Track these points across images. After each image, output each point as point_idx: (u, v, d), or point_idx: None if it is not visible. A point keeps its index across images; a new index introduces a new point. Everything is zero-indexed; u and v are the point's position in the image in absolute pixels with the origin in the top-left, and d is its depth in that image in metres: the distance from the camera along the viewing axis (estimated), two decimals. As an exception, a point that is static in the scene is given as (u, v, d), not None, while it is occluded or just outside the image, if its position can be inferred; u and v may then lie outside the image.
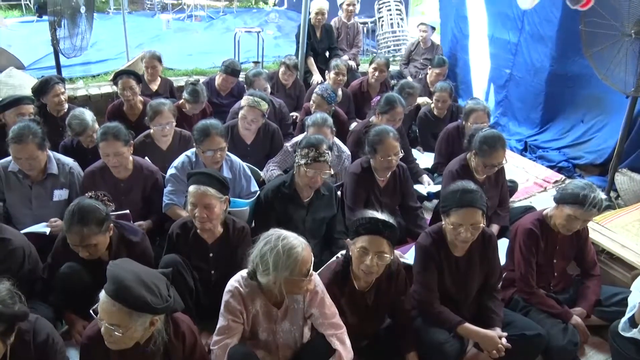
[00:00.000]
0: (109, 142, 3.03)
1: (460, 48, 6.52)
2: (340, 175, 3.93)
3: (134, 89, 4.20)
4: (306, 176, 2.88)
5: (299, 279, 1.99)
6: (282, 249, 1.95)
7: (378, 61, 5.27)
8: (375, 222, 2.24)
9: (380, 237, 2.24)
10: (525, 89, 5.58)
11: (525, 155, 5.30)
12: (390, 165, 3.23)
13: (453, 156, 3.82)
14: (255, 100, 3.81)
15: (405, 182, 3.47)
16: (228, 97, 5.12)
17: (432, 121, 4.87)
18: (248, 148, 4.01)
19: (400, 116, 3.97)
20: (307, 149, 2.88)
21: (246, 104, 3.83)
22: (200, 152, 3.18)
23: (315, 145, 2.88)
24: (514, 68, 5.67)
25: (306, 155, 2.86)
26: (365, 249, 2.24)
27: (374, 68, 5.27)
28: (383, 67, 5.29)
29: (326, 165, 2.90)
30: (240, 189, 3.35)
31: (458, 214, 2.42)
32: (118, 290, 1.75)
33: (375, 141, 3.20)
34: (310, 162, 2.85)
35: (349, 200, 3.29)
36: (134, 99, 4.24)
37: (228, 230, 2.69)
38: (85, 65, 6.27)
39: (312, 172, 2.87)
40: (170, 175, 3.24)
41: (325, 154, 2.88)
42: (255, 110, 3.83)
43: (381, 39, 8.15)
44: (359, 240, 2.27)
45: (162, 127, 3.60)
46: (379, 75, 5.28)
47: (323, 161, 2.87)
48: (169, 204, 3.17)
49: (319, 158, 2.86)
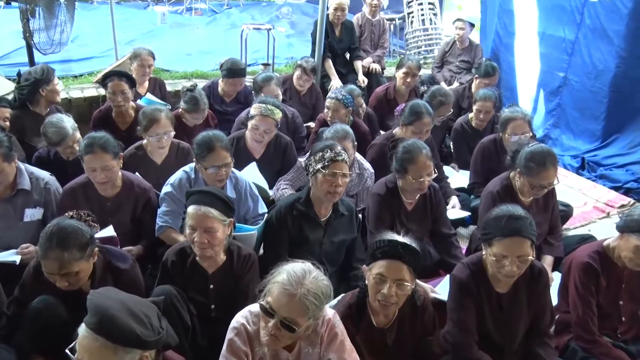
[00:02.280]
0: (95, 155, 3.06)
1: (504, 48, 6.57)
2: (362, 196, 3.98)
3: (127, 93, 4.27)
4: (325, 181, 2.92)
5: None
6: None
7: (409, 64, 5.32)
8: (394, 245, 2.26)
9: (399, 262, 2.26)
10: (583, 96, 5.57)
11: (582, 174, 5.31)
12: (422, 187, 3.28)
13: (491, 175, 3.84)
14: (269, 109, 3.88)
15: (437, 205, 3.50)
16: (233, 103, 5.22)
17: (469, 134, 4.90)
18: (256, 164, 4.07)
19: (427, 127, 4.02)
20: (321, 151, 2.95)
21: (258, 112, 3.90)
22: (202, 169, 3.23)
23: (329, 145, 2.98)
24: (570, 70, 5.69)
25: (322, 158, 2.92)
26: (383, 275, 2.27)
27: (404, 72, 5.33)
28: (415, 71, 5.34)
29: (345, 165, 2.97)
30: (246, 210, 3.40)
31: (502, 244, 2.43)
32: (101, 321, 1.73)
33: (406, 159, 3.24)
34: (328, 163, 2.91)
35: (371, 225, 3.34)
36: (126, 105, 4.31)
37: (232, 258, 2.71)
38: (66, 63, 6.38)
39: (332, 174, 2.92)
40: (165, 194, 3.29)
41: (342, 153, 2.97)
42: (268, 120, 3.90)
43: (411, 38, 8.23)
44: (375, 265, 2.30)
45: (159, 138, 3.65)
46: (410, 80, 5.33)
47: (342, 160, 2.95)
48: (163, 227, 3.21)
49: (336, 157, 2.93)
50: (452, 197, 4.20)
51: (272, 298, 2.01)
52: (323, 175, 2.92)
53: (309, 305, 1.98)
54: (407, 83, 5.34)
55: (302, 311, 1.98)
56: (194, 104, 4.33)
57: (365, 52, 6.71)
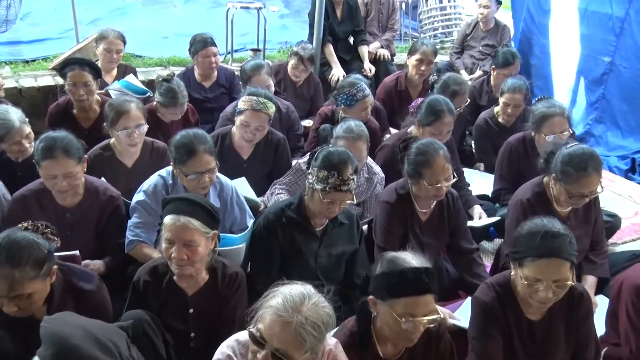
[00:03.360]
0: (56, 161, 3.05)
1: (538, 29, 6.58)
2: (369, 204, 4.03)
3: (90, 85, 4.27)
4: (321, 204, 3.00)
5: None
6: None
7: (424, 49, 5.35)
8: (417, 276, 2.23)
9: (427, 296, 2.27)
10: (633, 85, 5.57)
11: (632, 178, 5.34)
12: (439, 194, 3.32)
13: (520, 180, 3.85)
14: (261, 102, 3.92)
15: (455, 214, 3.53)
16: (214, 88, 5.27)
17: (495, 131, 4.93)
18: (244, 165, 4.10)
19: (448, 128, 4.07)
20: (327, 171, 2.97)
21: (249, 106, 3.93)
22: (181, 175, 3.26)
23: (337, 169, 2.97)
24: (617, 54, 5.69)
25: (324, 180, 2.96)
26: (411, 315, 2.25)
27: (417, 59, 5.37)
28: (430, 58, 5.38)
29: (349, 195, 3.01)
30: (233, 221, 3.43)
31: (536, 266, 2.45)
32: (60, 352, 1.71)
33: (420, 162, 3.26)
34: (329, 190, 2.96)
35: (379, 238, 3.37)
36: (89, 99, 4.33)
37: (216, 277, 2.72)
38: (14, 45, 6.35)
39: (330, 202, 2.99)
40: (137, 203, 3.30)
41: (349, 182, 2.99)
42: (261, 116, 3.94)
43: (425, 19, 8.28)
44: (397, 305, 2.27)
45: (130, 133, 3.64)
46: (425, 68, 5.37)
47: (346, 191, 2.98)
48: (134, 241, 3.22)
49: (340, 187, 2.96)
50: (474, 206, 4.23)
51: (263, 325, 2.01)
52: (319, 197, 2.99)
53: (306, 337, 1.96)
54: (420, 72, 5.37)
55: (298, 343, 1.97)
56: (171, 96, 4.33)
57: (371, 35, 6.73)
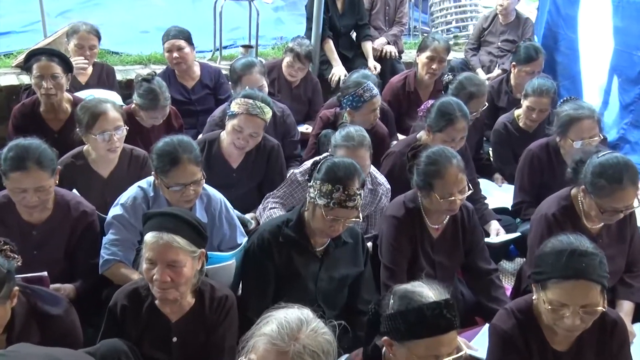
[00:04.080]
0: (28, 173, 3.04)
1: (564, 21, 6.57)
2: (374, 218, 4.04)
3: (59, 78, 4.20)
4: (323, 221, 3.00)
5: None
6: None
7: (435, 46, 5.36)
8: (438, 313, 2.21)
9: (451, 333, 2.27)
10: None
11: (674, 191, 5.33)
12: (453, 208, 3.31)
13: (544, 192, 3.85)
14: (257, 106, 3.92)
15: (471, 231, 3.53)
16: (197, 88, 5.30)
17: (515, 137, 4.93)
18: (234, 175, 4.10)
19: (462, 134, 4.07)
20: (331, 185, 2.96)
21: (244, 110, 3.93)
22: (163, 186, 3.26)
23: (343, 182, 2.97)
24: (657, 50, 5.65)
25: (328, 194, 2.96)
26: (435, 356, 2.24)
27: (428, 57, 5.37)
28: (442, 55, 5.39)
29: (355, 212, 3.01)
30: (221, 239, 3.45)
31: (561, 288, 2.45)
32: None
33: (431, 172, 3.27)
34: (333, 206, 2.96)
35: (386, 257, 3.38)
36: (58, 95, 4.28)
37: (203, 301, 2.73)
38: (-28, 39, 6.39)
39: (334, 220, 2.99)
40: (113, 218, 3.30)
41: (356, 197, 2.99)
42: (256, 121, 3.95)
43: (437, 11, 8.30)
44: (417, 346, 2.25)
45: (108, 137, 3.63)
46: (436, 67, 5.37)
47: (352, 207, 2.97)
48: (110, 261, 3.22)
49: (346, 202, 2.95)
50: (492, 222, 4.23)
51: (256, 355, 2.01)
52: (322, 214, 2.98)
53: None
54: (432, 71, 5.38)
55: None
56: (151, 98, 4.33)
57: (377, 30, 6.75)
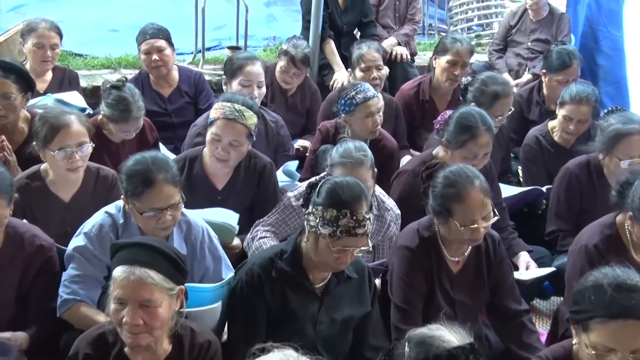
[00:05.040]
0: None
1: (607, 18, 6.60)
2: (382, 250, 4.04)
3: (12, 98, 4.18)
4: (329, 253, 2.98)
5: None
6: None
7: (458, 48, 5.36)
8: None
9: None
10: None
11: None
12: (476, 237, 3.30)
13: (584, 218, 3.89)
14: (236, 109, 3.93)
15: (498, 264, 3.53)
16: (175, 97, 5.39)
17: (549, 153, 4.93)
18: (219, 197, 4.10)
19: (486, 150, 4.06)
20: (336, 210, 2.95)
21: (220, 114, 3.93)
22: (135, 212, 3.25)
23: (350, 206, 2.95)
24: None
25: (333, 221, 2.94)
26: None
27: (449, 61, 5.38)
28: (466, 59, 5.41)
29: (364, 240, 2.99)
30: (203, 273, 3.45)
31: (607, 329, 2.45)
32: None
33: (450, 195, 3.27)
34: (340, 235, 2.94)
35: (397, 296, 3.37)
36: (10, 117, 4.23)
37: (181, 348, 2.71)
38: None
39: (341, 251, 2.97)
40: (75, 249, 3.29)
41: (365, 222, 2.96)
42: (236, 127, 3.94)
43: (456, 7, 8.37)
44: None
45: (69, 154, 3.61)
46: (459, 72, 5.36)
47: (362, 234, 2.97)
48: (69, 301, 3.21)
49: (355, 229, 2.94)
50: (521, 253, 4.22)
51: None
52: (328, 245, 2.95)
53: None
54: (452, 77, 5.37)
55: None
56: (122, 109, 4.33)
57: (385, 29, 6.80)
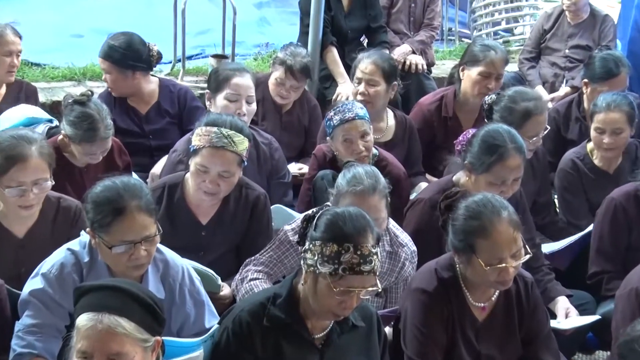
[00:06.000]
0: None
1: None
2: (395, 293, 4.05)
3: None
4: (330, 296, 2.95)
5: None
6: None
7: (492, 58, 5.35)
8: None
9: None
10: None
11: None
12: (504, 279, 3.30)
13: (633, 258, 3.91)
14: (225, 135, 3.92)
15: (531, 311, 3.55)
16: (154, 115, 5.41)
17: (589, 180, 4.98)
18: (203, 233, 4.13)
19: (516, 174, 4.06)
20: (337, 244, 2.92)
21: (206, 142, 3.92)
22: (103, 246, 3.24)
23: (353, 239, 2.93)
24: None
25: (334, 257, 2.91)
26: None
27: (481, 73, 5.38)
28: (500, 70, 5.40)
29: (372, 279, 2.98)
30: (182, 321, 3.45)
31: None
32: None
33: (473, 230, 3.29)
34: (343, 273, 2.91)
35: (412, 348, 3.36)
36: None
37: None
38: None
39: (345, 292, 2.94)
40: (31, 294, 3.30)
41: (372, 257, 2.93)
42: (226, 155, 3.93)
43: (480, 7, 8.43)
44: None
45: (23, 192, 3.64)
46: (493, 86, 5.36)
47: (368, 272, 2.94)
48: (24, 355, 3.20)
49: (360, 266, 2.91)
50: (559, 298, 4.22)
51: None
52: (329, 286, 2.93)
53: None
54: (485, 91, 5.28)
55: None
56: (87, 128, 4.33)
57: (398, 34, 6.88)
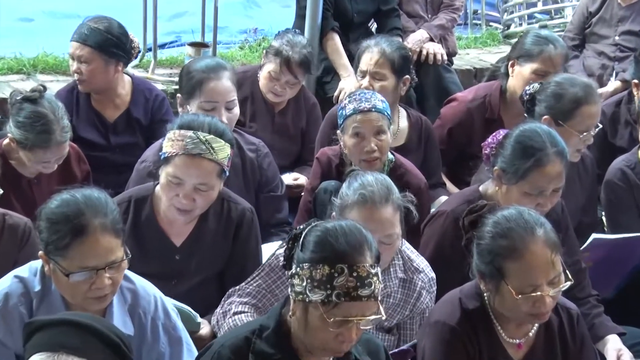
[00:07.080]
0: None
1: None
2: (410, 329, 4.16)
3: None
4: (324, 329, 2.98)
5: None
6: None
7: (551, 53, 5.61)
8: None
9: None
10: None
11: None
12: (539, 311, 3.37)
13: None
14: (202, 140, 4.04)
15: (578, 351, 3.66)
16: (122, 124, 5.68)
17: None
18: (177, 257, 4.25)
19: (556, 184, 4.19)
20: (329, 265, 2.97)
21: (179, 149, 4.04)
22: (59, 273, 3.31)
23: (348, 258, 2.98)
24: None
25: (326, 281, 2.96)
26: None
27: (537, 71, 5.58)
28: (559, 68, 5.59)
29: (373, 305, 3.00)
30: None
31: None
32: None
33: (502, 250, 3.36)
34: (337, 300, 2.95)
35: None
36: None
37: None
38: None
39: (342, 322, 2.97)
40: None
41: (372, 279, 2.99)
42: (203, 165, 4.06)
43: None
44: None
45: None
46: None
47: (368, 297, 2.98)
48: None
49: (357, 290, 2.95)
50: (609, 337, 4.36)
51: None
52: (322, 317, 2.96)
53: None
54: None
55: None
56: (39, 130, 4.52)
57: (413, 18, 7.16)
